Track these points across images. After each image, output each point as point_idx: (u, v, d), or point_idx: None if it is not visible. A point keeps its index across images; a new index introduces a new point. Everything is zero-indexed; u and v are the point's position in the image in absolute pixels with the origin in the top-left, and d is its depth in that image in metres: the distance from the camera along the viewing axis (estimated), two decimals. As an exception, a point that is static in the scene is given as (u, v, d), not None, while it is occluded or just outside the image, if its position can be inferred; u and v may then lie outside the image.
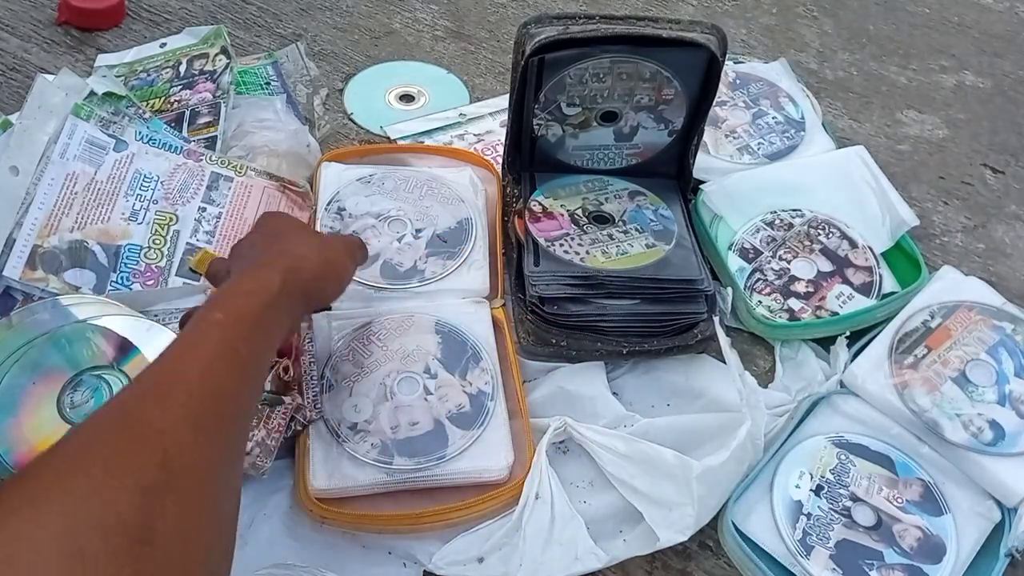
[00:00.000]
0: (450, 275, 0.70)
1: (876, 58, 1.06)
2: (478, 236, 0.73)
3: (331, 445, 0.59)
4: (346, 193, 0.74)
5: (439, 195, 0.76)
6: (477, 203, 0.76)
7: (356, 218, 0.72)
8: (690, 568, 0.60)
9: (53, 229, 0.67)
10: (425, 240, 0.72)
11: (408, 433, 0.60)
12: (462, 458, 0.60)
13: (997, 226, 0.88)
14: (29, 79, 0.86)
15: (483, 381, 0.64)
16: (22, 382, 0.59)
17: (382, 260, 0.70)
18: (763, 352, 0.74)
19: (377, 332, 0.66)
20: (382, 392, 0.62)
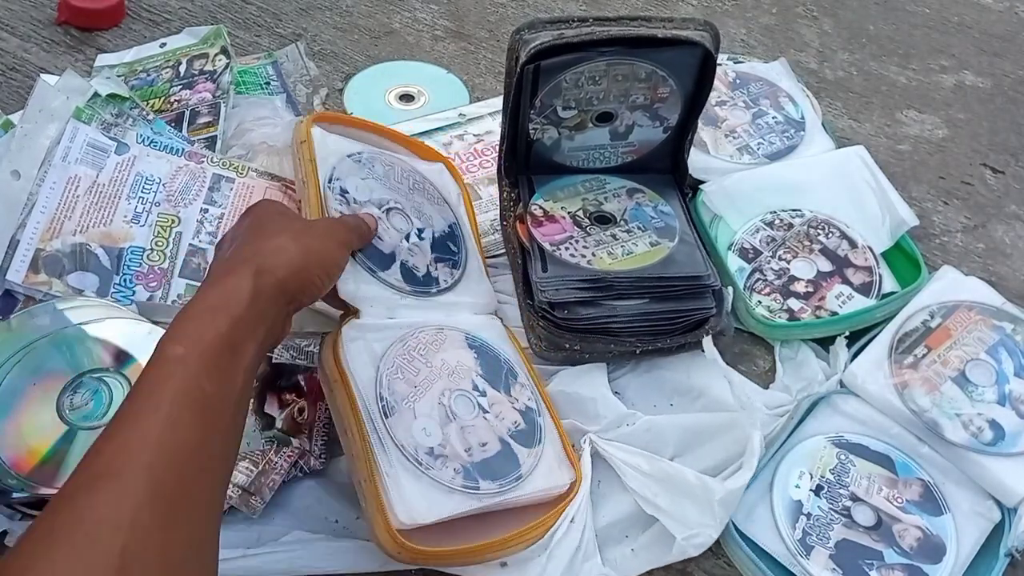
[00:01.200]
0: (459, 286, 0.67)
1: (876, 58, 1.06)
2: (469, 245, 0.71)
3: (416, 474, 0.54)
4: (343, 171, 0.66)
5: (426, 192, 0.71)
6: (459, 209, 0.74)
7: (361, 205, 0.65)
8: (690, 568, 0.61)
9: (55, 233, 0.67)
10: (429, 242, 0.68)
11: (482, 455, 0.57)
12: (534, 477, 0.58)
13: (997, 226, 0.88)
14: (29, 79, 0.86)
15: (526, 396, 0.63)
16: (22, 383, 0.59)
17: (399, 261, 0.64)
18: (763, 352, 0.74)
19: (416, 346, 0.61)
20: (443, 413, 0.58)
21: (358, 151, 0.69)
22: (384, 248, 0.64)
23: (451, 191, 0.74)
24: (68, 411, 0.59)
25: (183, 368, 0.41)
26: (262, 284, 0.47)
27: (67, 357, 0.61)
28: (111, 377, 0.61)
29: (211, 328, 0.43)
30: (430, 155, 0.76)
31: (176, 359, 0.41)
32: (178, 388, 0.40)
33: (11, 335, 0.61)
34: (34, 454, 0.57)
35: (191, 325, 0.43)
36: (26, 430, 0.57)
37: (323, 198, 0.63)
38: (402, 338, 0.60)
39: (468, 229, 0.72)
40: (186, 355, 0.41)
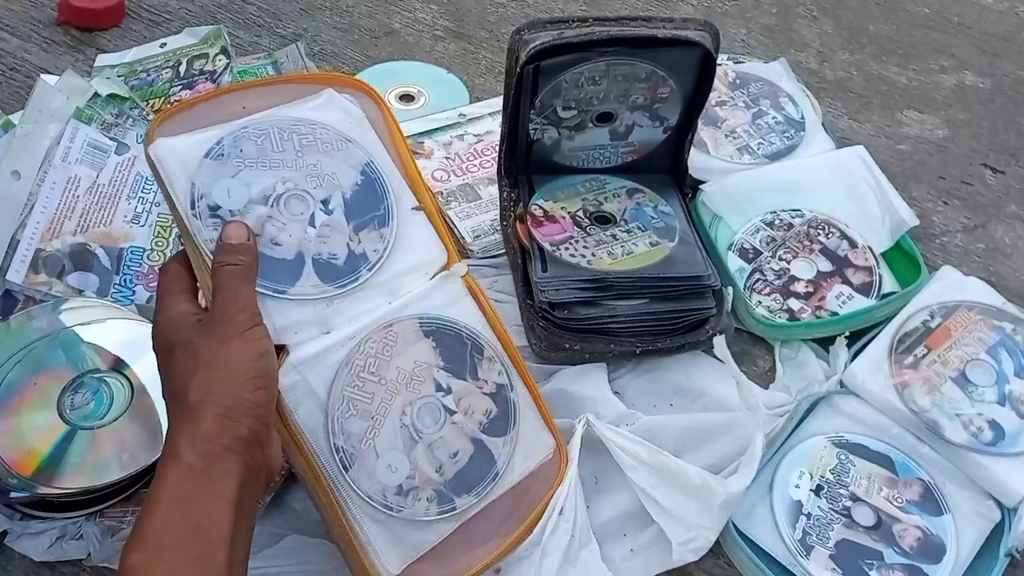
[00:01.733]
0: (394, 250, 0.56)
1: (876, 58, 1.06)
2: (396, 186, 0.57)
3: (389, 523, 0.51)
4: (204, 181, 0.51)
5: (319, 143, 0.55)
6: (370, 139, 0.57)
7: (239, 214, 0.51)
8: (690, 568, 0.61)
9: (56, 233, 0.67)
10: (341, 212, 0.54)
11: (455, 468, 0.54)
12: (513, 464, 0.56)
13: (997, 226, 0.88)
14: (29, 79, 0.86)
15: (495, 372, 0.57)
16: (22, 383, 0.59)
17: (310, 260, 0.53)
18: (763, 352, 0.74)
19: (365, 365, 0.53)
20: (407, 436, 0.53)
21: (216, 142, 0.53)
22: (287, 253, 0.52)
23: (350, 120, 0.57)
24: (69, 411, 0.59)
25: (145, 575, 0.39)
26: (202, 446, 0.43)
27: (67, 357, 0.61)
28: (112, 377, 0.61)
29: (165, 522, 0.41)
30: (311, 80, 0.59)
31: (135, 568, 0.39)
32: None
33: (11, 335, 0.61)
34: (35, 454, 0.57)
35: (145, 525, 0.41)
36: (27, 430, 0.57)
37: (194, 237, 0.50)
38: (347, 360, 0.53)
39: (387, 161, 0.57)
40: (146, 561, 0.39)
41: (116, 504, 0.58)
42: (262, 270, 0.50)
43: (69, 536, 0.56)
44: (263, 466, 0.46)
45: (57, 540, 0.56)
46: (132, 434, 0.58)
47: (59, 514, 0.57)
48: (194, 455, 0.42)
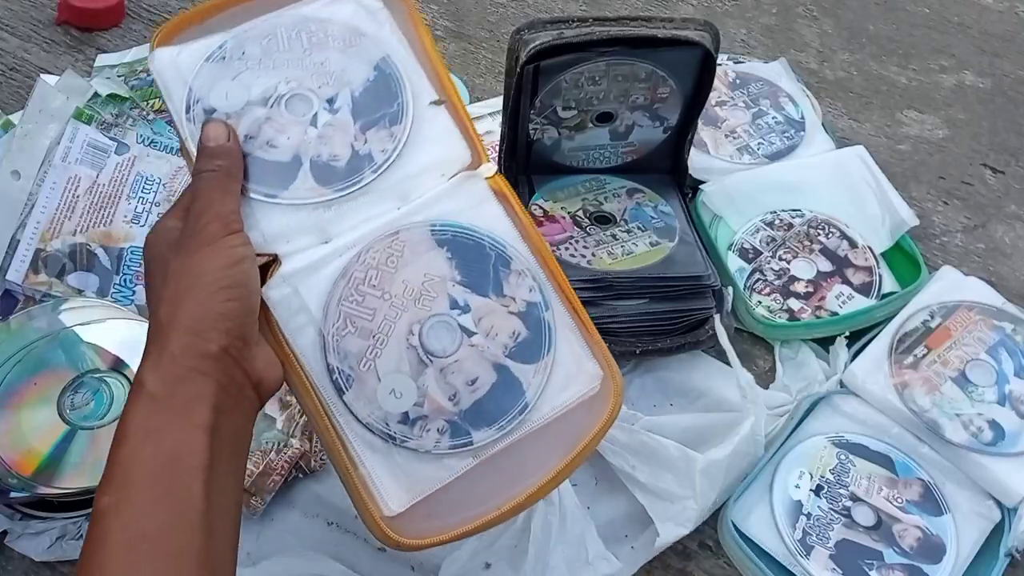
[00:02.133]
0: (406, 150, 0.49)
1: (876, 58, 1.06)
2: (413, 81, 0.51)
3: (391, 452, 0.45)
4: (202, 84, 0.49)
5: (330, 39, 0.51)
6: (383, 32, 0.52)
7: (237, 116, 0.48)
8: (690, 568, 0.61)
9: (56, 233, 0.67)
10: (348, 110, 0.50)
11: (472, 398, 0.46)
12: (546, 396, 0.47)
13: (997, 226, 0.88)
14: (29, 79, 0.86)
15: (526, 288, 0.49)
16: (22, 383, 0.59)
17: (307, 162, 0.48)
18: (763, 352, 0.74)
19: (366, 277, 0.47)
20: (415, 358, 0.46)
21: (218, 45, 0.50)
22: (282, 155, 0.48)
23: (364, 12, 0.53)
24: (69, 411, 0.59)
25: (115, 518, 0.36)
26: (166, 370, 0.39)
27: (67, 357, 0.61)
28: (111, 377, 0.61)
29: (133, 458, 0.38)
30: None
31: (105, 511, 0.36)
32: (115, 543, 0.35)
33: (11, 335, 0.61)
34: (35, 454, 0.57)
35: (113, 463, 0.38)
36: (27, 430, 0.57)
37: (184, 141, 0.48)
38: (345, 270, 0.47)
39: (405, 54, 0.52)
40: (116, 502, 0.36)
41: (116, 504, 0.58)
42: (254, 174, 0.47)
43: (69, 536, 0.56)
44: (245, 382, 0.42)
45: (57, 540, 0.56)
46: (132, 434, 0.58)
47: (59, 514, 0.57)
48: (157, 381, 0.39)
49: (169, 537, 0.36)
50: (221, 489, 0.39)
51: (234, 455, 0.41)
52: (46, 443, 0.57)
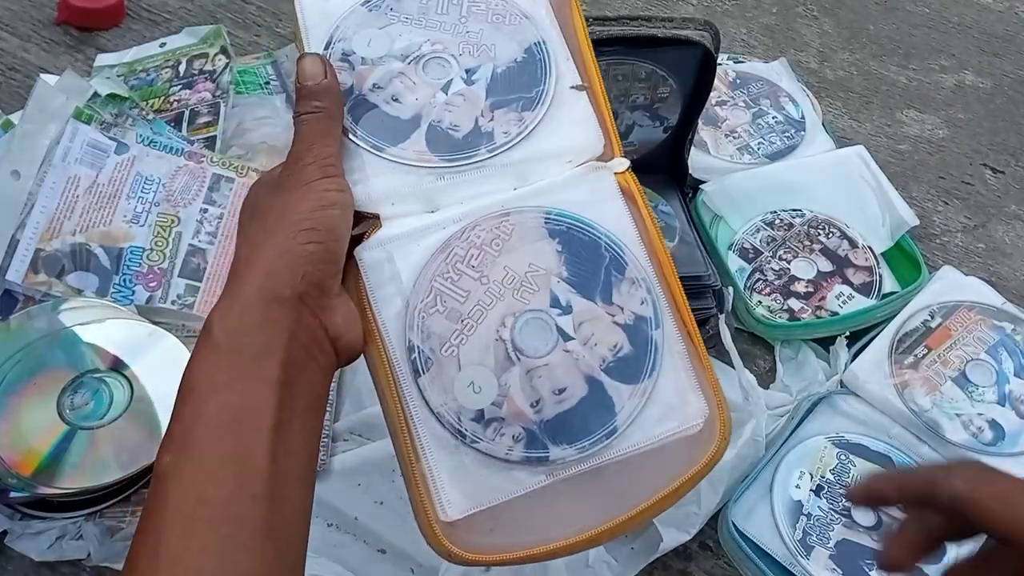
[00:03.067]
0: (535, 132, 0.46)
1: (876, 58, 1.06)
2: (560, 67, 0.48)
3: (458, 450, 0.41)
4: (349, 27, 0.48)
5: (490, 12, 0.50)
6: (543, 14, 0.50)
7: (372, 64, 0.47)
8: (690, 568, 0.61)
9: (55, 232, 0.67)
10: (483, 84, 0.48)
11: (557, 408, 0.42)
12: (640, 424, 0.42)
13: (997, 226, 0.88)
14: (29, 79, 0.85)
15: (637, 300, 0.44)
16: (22, 383, 0.59)
17: (426, 125, 0.46)
18: (763, 352, 0.74)
19: (466, 256, 0.43)
20: (503, 352, 0.42)
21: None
22: (403, 112, 0.46)
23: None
24: (68, 411, 0.59)
25: (175, 481, 0.34)
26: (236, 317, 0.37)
27: (67, 357, 0.61)
28: (111, 377, 0.61)
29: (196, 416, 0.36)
30: None
31: (165, 472, 0.35)
32: (175, 506, 0.34)
33: (10, 335, 0.61)
34: (34, 454, 0.57)
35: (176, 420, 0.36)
36: (26, 430, 0.57)
37: None
38: (446, 244, 0.43)
39: (557, 40, 0.49)
40: (176, 463, 0.35)
41: (116, 504, 0.58)
42: (368, 123, 0.45)
43: (69, 536, 0.56)
44: (321, 337, 0.39)
45: (57, 540, 0.56)
46: (132, 434, 0.58)
47: (59, 514, 0.57)
48: (225, 330, 0.36)
49: (230, 504, 0.34)
50: (290, 452, 0.36)
51: (307, 414, 0.38)
52: (46, 443, 0.57)
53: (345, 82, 0.46)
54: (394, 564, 0.58)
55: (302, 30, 0.47)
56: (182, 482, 0.34)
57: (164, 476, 0.35)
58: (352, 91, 0.46)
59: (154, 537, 0.33)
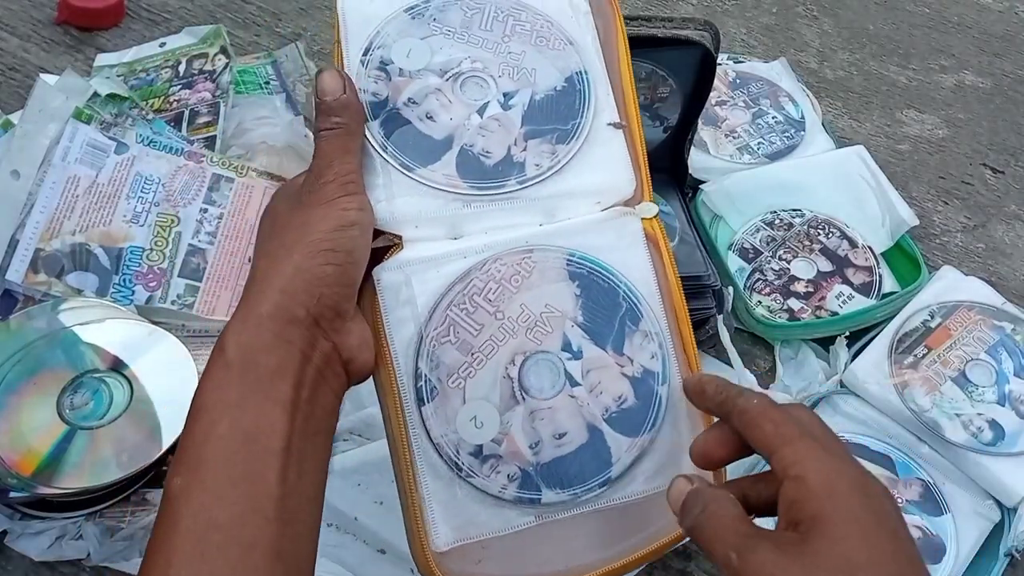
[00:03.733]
0: (567, 168, 0.46)
1: (876, 58, 1.06)
2: (600, 100, 0.47)
3: (452, 483, 0.42)
4: (390, 34, 0.46)
5: (534, 34, 0.48)
6: (588, 42, 0.49)
7: (409, 77, 0.46)
8: (690, 568, 0.60)
9: (55, 232, 0.67)
10: (520, 111, 0.46)
11: (555, 451, 0.42)
12: (633, 477, 0.43)
13: (997, 226, 0.88)
14: (29, 79, 0.85)
15: (647, 354, 0.44)
16: (21, 383, 0.59)
17: (458, 148, 0.45)
18: (763, 352, 0.74)
19: (484, 288, 0.43)
20: (508, 390, 0.42)
21: (424, 1, 0.48)
22: (436, 132, 0.45)
23: (571, 13, 0.49)
24: (68, 411, 0.59)
25: (185, 503, 0.34)
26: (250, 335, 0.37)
27: (67, 357, 0.61)
28: (111, 377, 0.61)
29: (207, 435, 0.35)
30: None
31: (176, 494, 0.35)
32: (185, 531, 0.34)
33: (10, 335, 0.61)
34: (34, 454, 0.56)
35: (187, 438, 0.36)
36: (26, 430, 0.57)
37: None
38: (465, 274, 0.43)
39: (601, 73, 0.48)
40: (187, 485, 0.35)
41: (116, 504, 0.58)
42: (400, 140, 0.44)
43: (69, 536, 0.56)
44: (333, 360, 0.39)
45: (57, 540, 0.56)
46: (131, 434, 0.58)
47: (59, 514, 0.57)
48: (238, 348, 0.36)
49: (241, 527, 0.34)
50: (301, 474, 0.36)
51: (317, 435, 0.38)
52: (45, 443, 0.57)
53: (380, 92, 0.45)
54: (394, 564, 0.58)
55: (341, 31, 0.46)
56: (192, 505, 0.34)
57: (175, 498, 0.35)
58: (387, 103, 0.45)
59: (164, 560, 0.33)
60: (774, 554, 0.32)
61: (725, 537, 0.34)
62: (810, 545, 0.32)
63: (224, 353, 0.37)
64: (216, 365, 0.37)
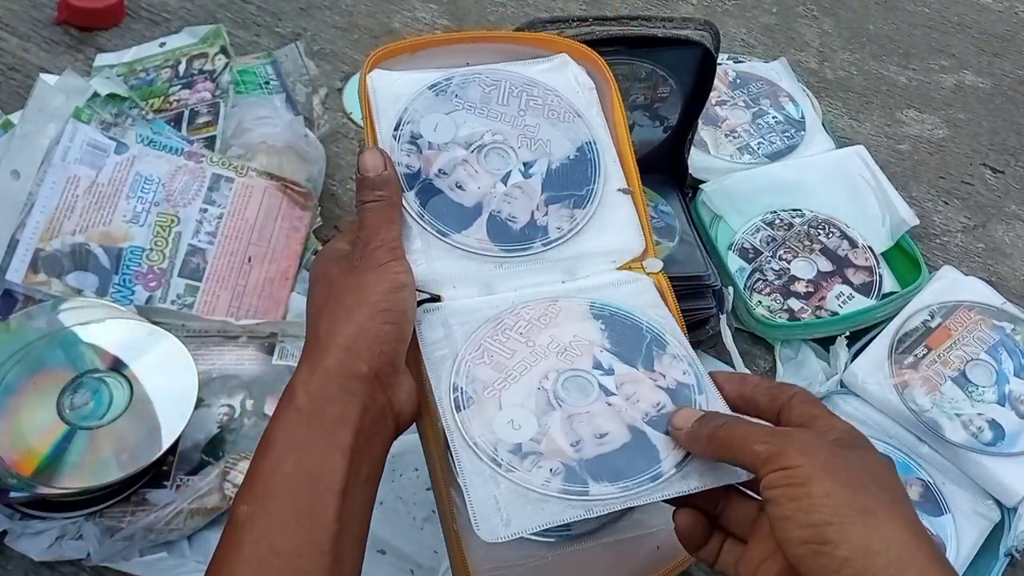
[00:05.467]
0: (584, 230, 0.50)
1: (876, 58, 1.06)
2: (608, 168, 0.52)
3: (494, 480, 0.41)
4: (417, 110, 0.51)
5: (546, 108, 0.53)
6: (594, 114, 0.54)
7: (438, 150, 0.50)
8: (690, 568, 0.60)
9: (55, 232, 0.67)
10: (539, 179, 0.51)
11: (597, 449, 0.42)
12: (684, 474, 0.42)
13: (997, 226, 0.88)
14: (29, 78, 0.85)
15: (679, 371, 0.46)
16: (21, 383, 0.59)
17: (487, 214, 0.49)
18: (763, 352, 0.74)
19: (515, 325, 0.47)
20: (544, 399, 0.44)
21: (445, 79, 0.53)
22: (466, 200, 0.49)
23: (578, 89, 0.54)
24: (68, 411, 0.59)
25: (250, 530, 0.37)
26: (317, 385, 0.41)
27: (67, 357, 0.61)
28: (111, 377, 0.61)
29: (275, 470, 0.39)
30: (543, 44, 0.56)
31: (242, 520, 0.38)
32: (247, 555, 0.37)
33: (10, 335, 0.61)
34: (34, 454, 0.56)
35: (255, 472, 0.39)
36: (26, 430, 0.57)
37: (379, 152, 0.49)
38: (496, 316, 0.47)
39: (606, 142, 0.53)
40: (252, 513, 0.38)
41: (116, 504, 0.58)
42: (435, 208, 0.48)
43: (69, 536, 0.56)
44: (387, 412, 0.43)
45: (57, 540, 0.56)
46: (131, 434, 0.58)
47: (59, 514, 0.57)
48: (307, 397, 0.40)
49: (300, 557, 0.37)
50: (352, 516, 0.40)
51: (367, 482, 0.42)
52: (45, 443, 0.57)
53: (413, 165, 0.50)
54: (394, 564, 0.58)
55: (373, 111, 0.51)
56: (256, 532, 0.37)
57: (240, 524, 0.38)
58: (420, 174, 0.50)
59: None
60: (819, 438, 0.38)
61: (756, 434, 0.38)
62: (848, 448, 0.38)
63: (294, 399, 0.41)
64: (286, 408, 0.41)
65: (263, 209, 0.73)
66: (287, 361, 0.65)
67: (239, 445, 0.61)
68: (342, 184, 0.82)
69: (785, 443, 0.37)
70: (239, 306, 0.69)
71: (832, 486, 0.35)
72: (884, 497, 0.36)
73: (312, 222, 0.76)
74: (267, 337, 0.67)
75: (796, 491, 0.35)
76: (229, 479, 0.58)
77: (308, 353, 0.43)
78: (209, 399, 0.63)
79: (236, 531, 0.38)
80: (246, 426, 0.62)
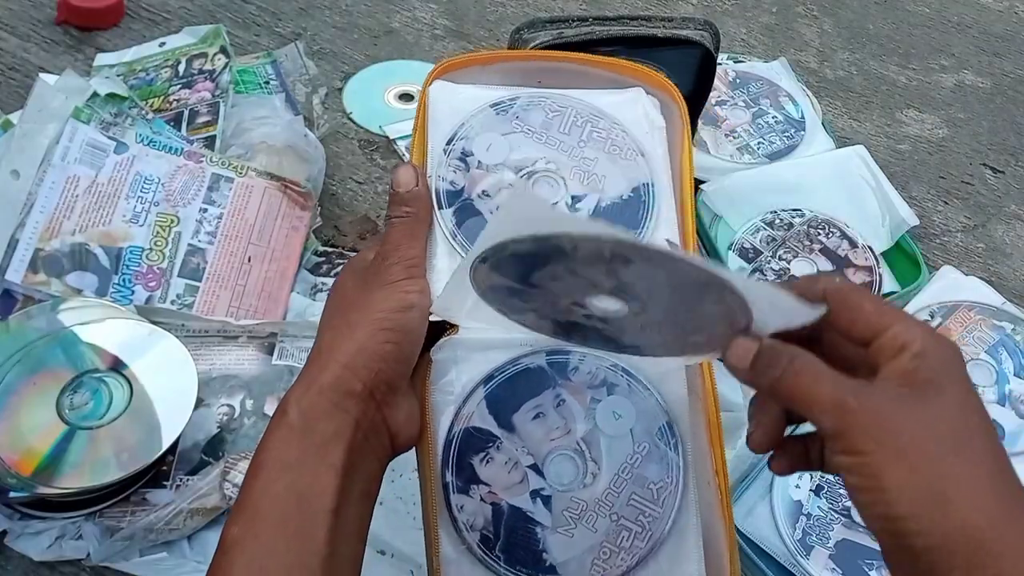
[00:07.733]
0: None
1: (876, 57, 1.06)
2: (662, 214, 0.49)
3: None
4: (473, 127, 0.49)
5: (608, 142, 0.50)
6: (659, 155, 0.50)
7: (486, 171, 0.48)
8: (691, 568, 0.61)
9: (55, 232, 0.67)
10: (587, 215, 0.49)
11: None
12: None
13: (997, 226, 0.88)
14: (29, 78, 0.85)
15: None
16: (21, 383, 0.59)
17: None
18: (763, 352, 0.74)
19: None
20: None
21: (509, 97, 0.50)
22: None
23: (647, 127, 0.51)
24: (68, 411, 0.59)
25: (240, 552, 0.37)
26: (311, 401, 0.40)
27: (67, 357, 0.61)
28: (111, 377, 0.61)
29: (264, 492, 0.38)
30: (622, 70, 0.53)
31: (231, 544, 0.37)
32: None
33: (10, 335, 0.61)
34: (34, 454, 0.56)
35: (246, 492, 0.39)
36: (26, 430, 0.57)
37: (424, 168, 0.48)
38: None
39: (666, 186, 0.50)
40: (242, 536, 0.38)
41: (115, 504, 0.58)
42: (469, 230, 0.46)
43: (69, 536, 0.56)
44: (381, 429, 0.42)
45: (57, 540, 0.56)
46: (131, 434, 0.58)
47: (58, 514, 0.57)
48: (300, 413, 0.40)
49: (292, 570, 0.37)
50: (345, 537, 0.39)
51: (360, 501, 0.41)
52: (45, 443, 0.57)
53: (458, 182, 0.47)
54: (394, 565, 0.58)
55: (428, 122, 0.49)
56: (247, 554, 0.37)
57: (231, 546, 0.37)
58: (461, 193, 0.47)
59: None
60: (893, 403, 0.34)
61: (820, 398, 0.35)
62: (929, 404, 0.34)
63: (286, 415, 0.40)
64: (278, 425, 0.40)
65: (263, 209, 0.73)
66: (287, 361, 0.65)
67: (239, 445, 0.61)
68: (342, 184, 0.82)
69: (851, 420, 0.34)
70: (239, 306, 0.69)
71: (906, 477, 0.33)
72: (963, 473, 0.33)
73: (312, 222, 0.76)
74: (267, 337, 0.67)
75: (867, 482, 0.33)
76: (229, 479, 0.58)
77: (308, 367, 0.42)
78: (209, 399, 0.63)
79: (226, 555, 0.37)
80: (246, 426, 0.62)
